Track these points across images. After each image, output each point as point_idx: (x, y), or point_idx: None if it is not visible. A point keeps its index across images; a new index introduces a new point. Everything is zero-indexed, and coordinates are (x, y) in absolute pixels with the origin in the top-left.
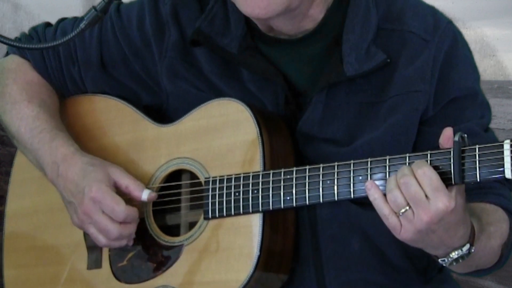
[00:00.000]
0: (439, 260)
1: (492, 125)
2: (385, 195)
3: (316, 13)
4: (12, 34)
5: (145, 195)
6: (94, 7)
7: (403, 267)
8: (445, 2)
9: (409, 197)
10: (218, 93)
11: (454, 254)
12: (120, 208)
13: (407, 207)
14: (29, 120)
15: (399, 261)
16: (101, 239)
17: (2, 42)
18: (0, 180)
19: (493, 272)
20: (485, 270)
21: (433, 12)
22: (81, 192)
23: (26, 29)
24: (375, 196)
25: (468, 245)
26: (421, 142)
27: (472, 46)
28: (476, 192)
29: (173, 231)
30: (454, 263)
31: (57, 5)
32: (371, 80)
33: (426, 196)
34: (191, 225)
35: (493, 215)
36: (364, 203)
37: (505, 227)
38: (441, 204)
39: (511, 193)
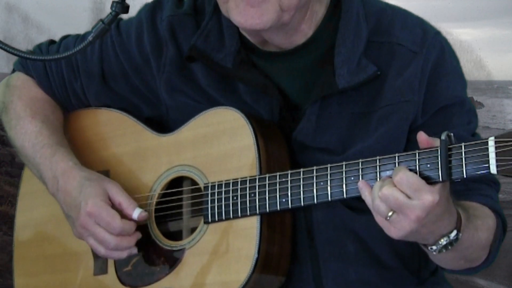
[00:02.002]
0: (429, 248)
1: (492, 125)
2: None
3: (306, 28)
4: (23, 46)
5: (136, 213)
6: (101, 20)
7: (396, 267)
8: (445, 2)
9: (391, 206)
10: (216, 105)
11: (442, 241)
12: (115, 222)
13: (391, 212)
14: (32, 136)
15: (392, 262)
16: (100, 250)
17: (14, 54)
18: (0, 180)
19: (483, 269)
20: (475, 268)
21: (421, 23)
22: (78, 206)
23: (36, 41)
24: (365, 194)
25: (455, 231)
26: (411, 150)
27: (477, 44)
28: (463, 194)
29: (177, 237)
30: (444, 250)
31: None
32: (362, 92)
33: (409, 197)
34: (193, 230)
35: (481, 211)
36: (357, 208)
37: (491, 223)
38: (425, 201)
39: (498, 194)
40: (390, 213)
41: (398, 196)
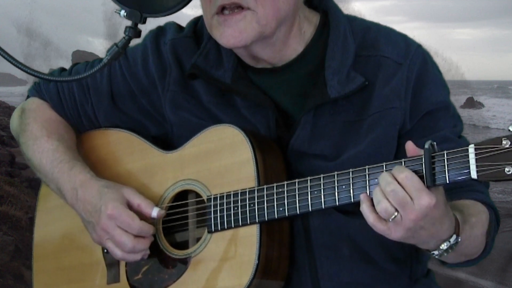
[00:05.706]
0: (432, 253)
1: (492, 125)
2: (372, 204)
3: (295, 43)
4: (43, 68)
5: (154, 212)
6: (115, 44)
7: (390, 268)
8: (445, 2)
9: (397, 203)
10: (216, 121)
11: (444, 246)
12: (135, 222)
13: (396, 213)
14: (49, 153)
15: (385, 263)
16: (117, 252)
17: (34, 75)
18: (0, 180)
19: (480, 261)
20: (473, 260)
21: (404, 38)
22: (98, 211)
23: (54, 64)
24: (363, 207)
25: (454, 236)
26: (401, 154)
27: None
28: (456, 191)
29: (183, 246)
30: (445, 254)
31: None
32: (352, 101)
33: (410, 197)
34: (198, 240)
35: (473, 208)
36: (351, 212)
37: (484, 218)
38: (424, 202)
39: (487, 189)
40: (393, 215)
41: (405, 194)
